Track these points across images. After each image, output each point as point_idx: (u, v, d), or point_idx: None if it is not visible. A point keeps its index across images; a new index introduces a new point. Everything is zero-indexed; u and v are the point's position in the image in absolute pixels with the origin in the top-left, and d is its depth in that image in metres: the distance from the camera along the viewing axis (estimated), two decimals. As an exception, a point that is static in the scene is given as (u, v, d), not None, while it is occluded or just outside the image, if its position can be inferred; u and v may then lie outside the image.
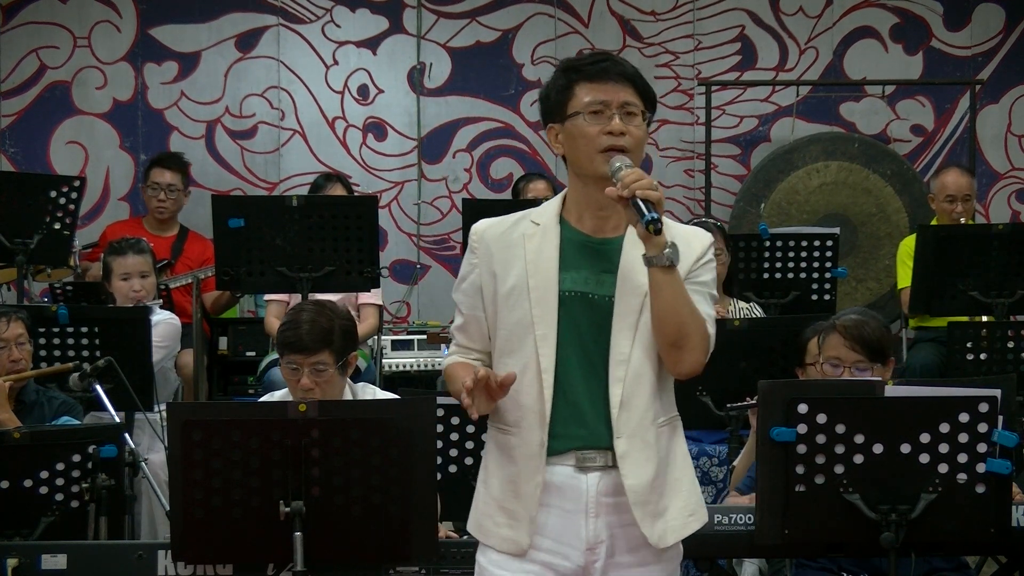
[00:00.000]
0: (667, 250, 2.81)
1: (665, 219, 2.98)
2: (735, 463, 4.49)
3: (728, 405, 4.69)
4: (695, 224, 5.89)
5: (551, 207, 3.02)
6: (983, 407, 3.46)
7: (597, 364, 2.91)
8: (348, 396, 4.31)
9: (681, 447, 3.01)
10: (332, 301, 4.56)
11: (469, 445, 4.22)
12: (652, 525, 2.91)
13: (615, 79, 2.95)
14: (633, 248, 2.90)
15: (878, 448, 3.46)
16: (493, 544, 2.97)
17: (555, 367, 2.90)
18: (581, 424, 2.91)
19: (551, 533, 2.93)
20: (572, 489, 2.91)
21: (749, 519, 3.69)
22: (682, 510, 2.96)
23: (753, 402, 4.15)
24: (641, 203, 2.79)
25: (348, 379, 4.41)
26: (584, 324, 2.92)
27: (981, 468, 3.47)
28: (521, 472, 2.92)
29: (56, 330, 5.40)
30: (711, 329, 2.92)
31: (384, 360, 6.89)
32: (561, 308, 2.91)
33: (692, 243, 2.97)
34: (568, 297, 2.92)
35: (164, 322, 5.90)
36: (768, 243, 6.21)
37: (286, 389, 4.39)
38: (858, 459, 3.46)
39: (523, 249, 2.95)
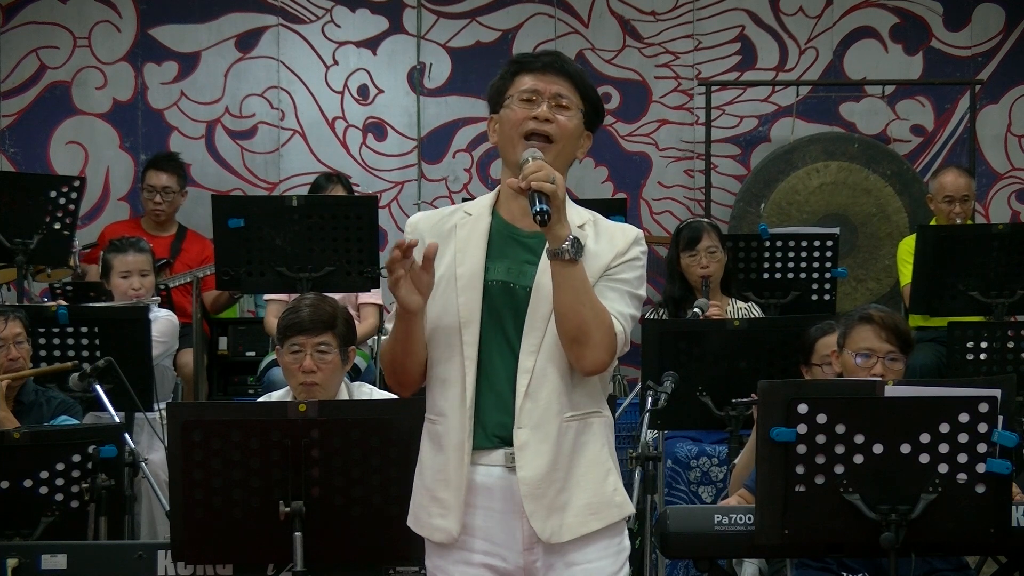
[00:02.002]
0: (566, 244, 2.80)
1: (598, 217, 3.01)
2: (735, 461, 4.49)
3: (733, 400, 4.70)
4: (691, 224, 5.97)
5: (485, 199, 3.05)
6: (983, 407, 3.46)
7: (517, 353, 2.91)
8: (344, 395, 4.32)
9: (594, 445, 2.95)
10: (334, 298, 4.58)
11: (469, 445, 4.21)
12: (545, 519, 2.89)
13: (554, 73, 2.97)
14: None
15: (878, 448, 3.46)
16: (427, 535, 2.98)
17: (479, 355, 2.91)
18: (504, 411, 2.91)
19: (483, 534, 2.93)
20: (503, 490, 2.91)
21: (749, 519, 3.69)
22: (584, 508, 2.92)
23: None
24: (536, 195, 2.79)
25: (345, 378, 4.42)
26: (506, 313, 2.93)
27: (981, 468, 3.46)
28: (450, 461, 2.93)
29: (56, 330, 5.40)
30: (621, 327, 2.90)
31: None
32: (485, 297, 2.93)
33: (615, 239, 2.97)
34: (492, 286, 2.94)
35: (162, 318, 5.92)
36: (768, 243, 6.21)
37: (286, 388, 4.39)
38: (858, 459, 3.46)
39: (453, 239, 2.97)
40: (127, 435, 4.49)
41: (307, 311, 4.27)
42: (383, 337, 6.83)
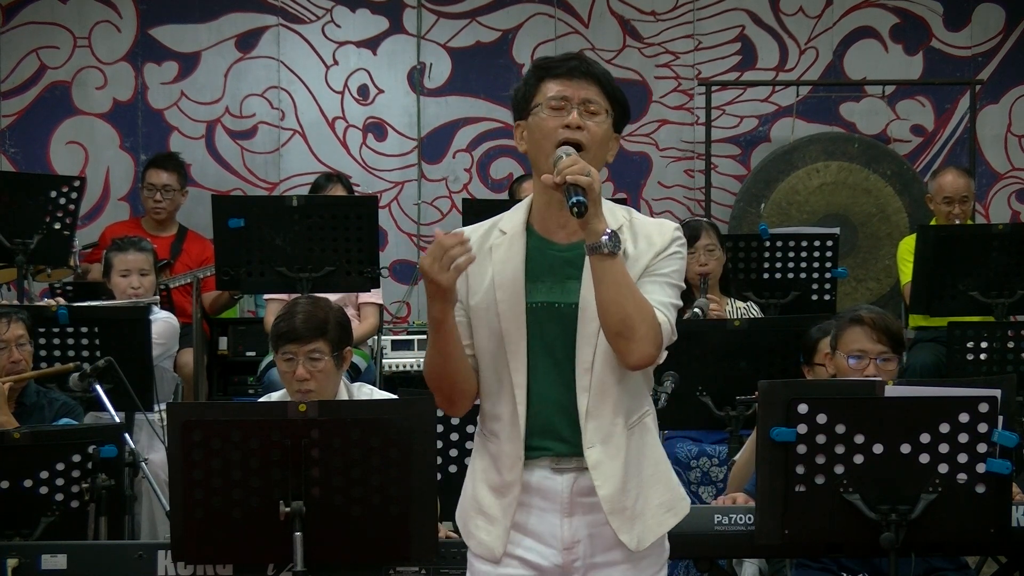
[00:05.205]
0: (604, 238, 2.78)
1: (633, 212, 2.99)
2: (735, 458, 4.49)
3: (737, 398, 4.70)
4: (690, 223, 5.97)
5: (518, 214, 3.00)
6: (983, 407, 3.46)
7: (567, 373, 2.89)
8: (344, 395, 4.31)
9: (653, 443, 2.98)
10: (328, 299, 4.57)
11: (469, 445, 4.20)
12: (630, 531, 2.90)
13: (581, 77, 2.92)
14: None
15: (878, 448, 3.46)
16: (471, 546, 3.00)
17: (527, 380, 2.89)
18: (555, 436, 2.90)
19: (530, 532, 2.93)
20: (547, 490, 2.91)
21: (749, 519, 3.69)
22: (658, 508, 2.94)
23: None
24: (571, 188, 2.76)
25: (345, 379, 4.41)
26: (553, 335, 2.90)
27: (981, 468, 3.46)
28: (503, 480, 2.93)
29: (56, 330, 5.40)
30: (665, 317, 2.87)
31: (384, 360, 6.89)
32: (530, 321, 2.89)
33: (653, 237, 2.94)
34: (536, 309, 2.90)
35: (161, 320, 5.92)
36: (768, 243, 6.21)
37: (285, 389, 4.39)
38: (858, 459, 3.46)
39: (490, 260, 2.93)
40: (127, 435, 4.48)
41: (299, 318, 4.25)
42: (383, 337, 6.87)
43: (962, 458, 3.46)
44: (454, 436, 4.24)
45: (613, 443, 2.89)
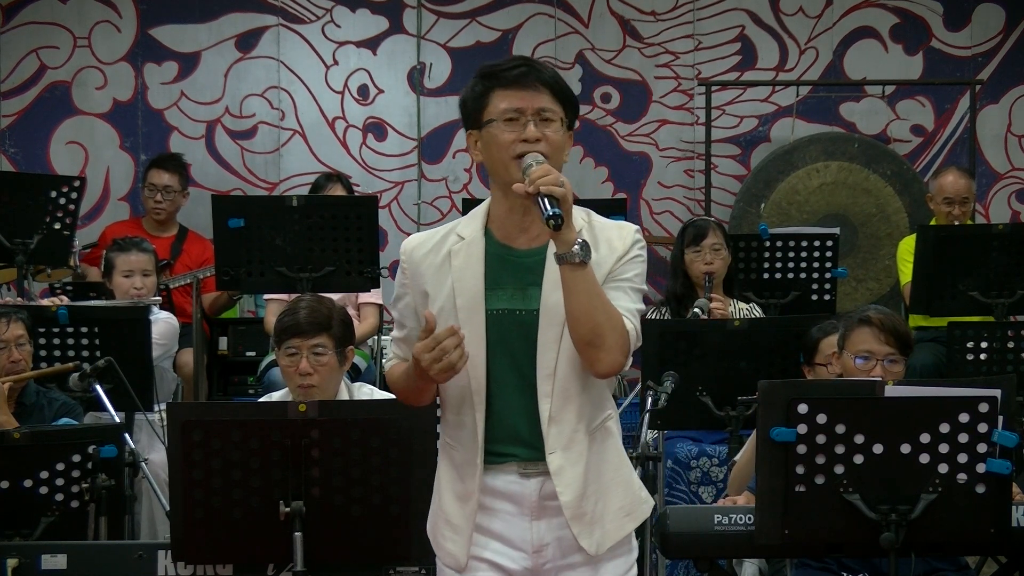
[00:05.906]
0: (576, 247, 2.76)
1: (591, 214, 2.97)
2: (736, 458, 4.49)
3: (739, 398, 4.70)
4: (697, 221, 5.97)
5: (476, 219, 2.97)
6: (983, 407, 3.46)
7: (530, 380, 2.89)
8: (344, 395, 4.32)
9: (614, 447, 2.98)
10: (332, 299, 4.59)
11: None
12: (590, 535, 2.91)
13: (531, 85, 2.87)
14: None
15: (878, 448, 3.46)
16: (440, 556, 3.01)
17: (488, 387, 2.89)
18: (517, 442, 2.90)
19: (497, 536, 2.94)
20: (515, 495, 2.92)
21: (749, 519, 3.69)
22: (618, 512, 2.94)
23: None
24: (545, 199, 2.74)
25: (345, 379, 4.42)
26: (515, 341, 2.89)
27: (981, 468, 3.47)
28: (466, 488, 2.94)
29: (56, 330, 5.40)
30: (631, 325, 2.87)
31: (384, 360, 6.88)
32: (490, 327, 2.89)
33: (614, 242, 2.93)
34: (496, 316, 2.89)
35: (162, 320, 5.92)
36: (768, 243, 6.21)
37: (286, 389, 4.40)
38: (858, 459, 3.46)
39: (449, 268, 2.92)
40: (127, 435, 4.49)
41: (303, 313, 4.28)
42: (383, 337, 6.87)
43: (962, 458, 3.46)
44: (454, 436, 4.23)
45: (575, 449, 2.89)
